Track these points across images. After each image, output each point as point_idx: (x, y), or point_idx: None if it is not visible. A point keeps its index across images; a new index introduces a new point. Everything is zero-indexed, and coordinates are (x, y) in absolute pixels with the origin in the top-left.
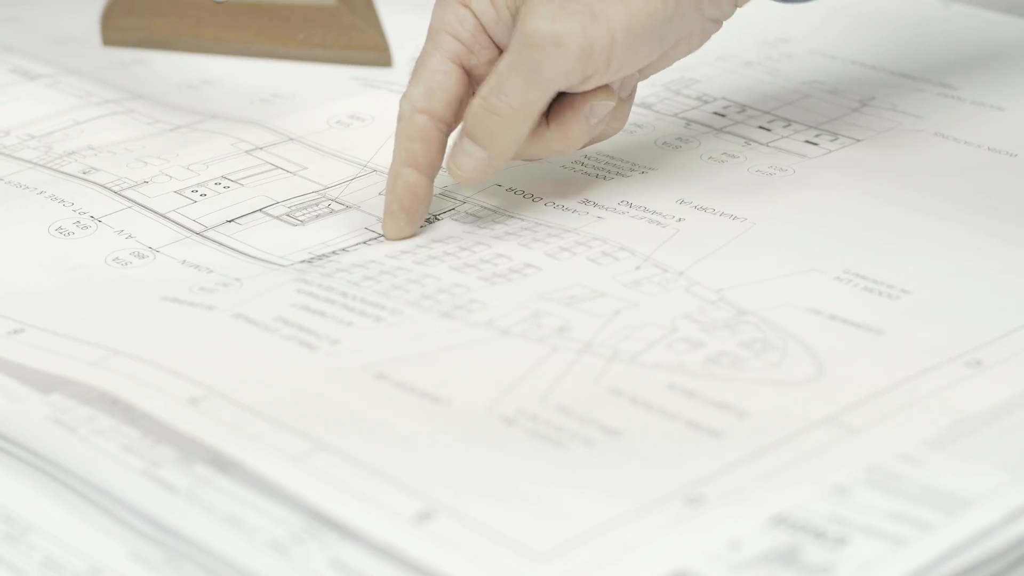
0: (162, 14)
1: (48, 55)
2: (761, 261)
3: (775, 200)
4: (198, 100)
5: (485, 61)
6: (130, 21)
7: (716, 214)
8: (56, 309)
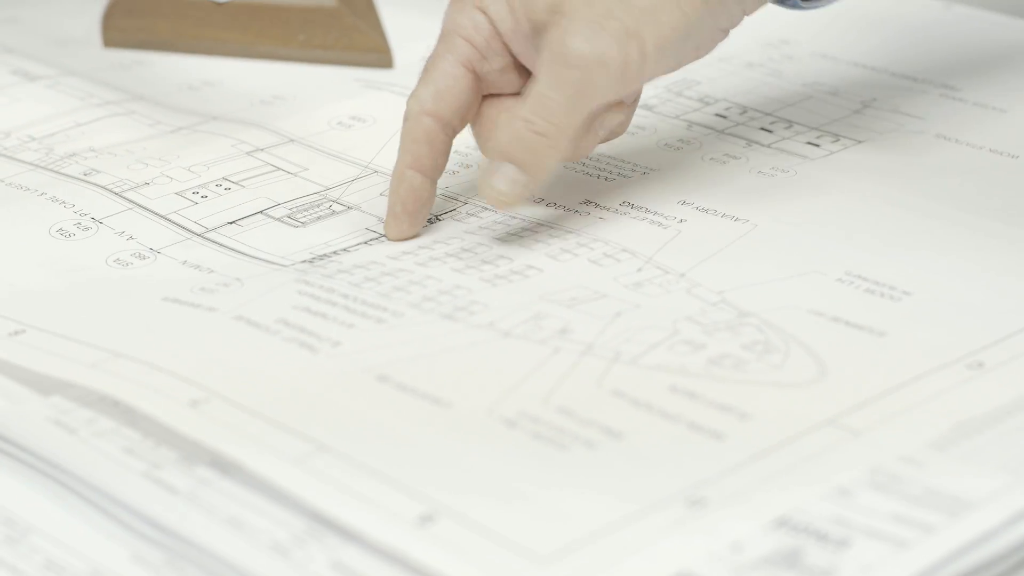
0: (163, 15)
1: (49, 56)
2: (763, 263)
3: (777, 202)
4: (199, 101)
5: (497, 68)
6: (131, 22)
7: (718, 215)
8: (57, 310)
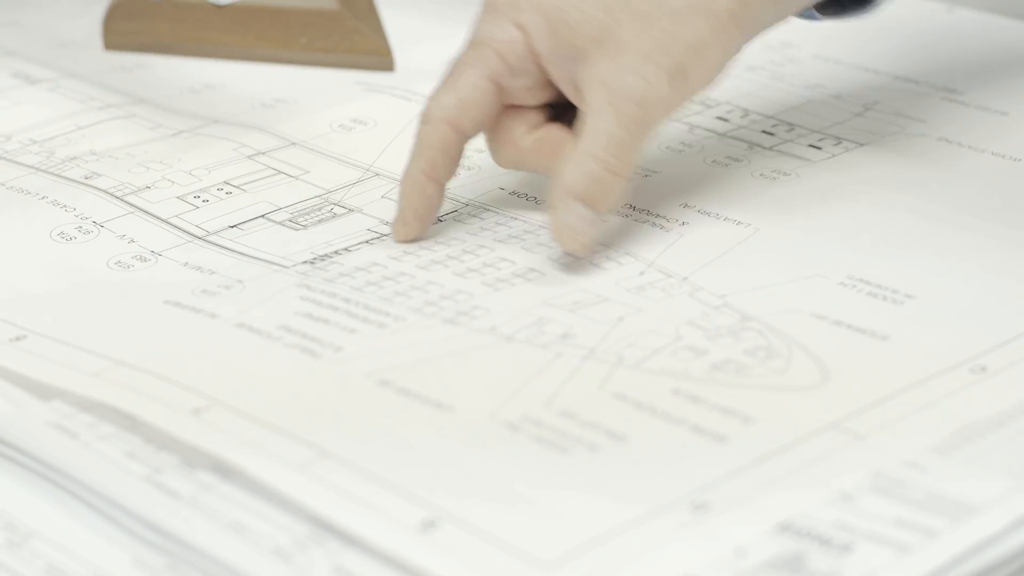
0: (164, 18)
1: (49, 59)
2: (765, 266)
3: (779, 205)
4: (200, 105)
5: (523, 86)
6: (132, 25)
7: (720, 219)
8: (58, 314)
